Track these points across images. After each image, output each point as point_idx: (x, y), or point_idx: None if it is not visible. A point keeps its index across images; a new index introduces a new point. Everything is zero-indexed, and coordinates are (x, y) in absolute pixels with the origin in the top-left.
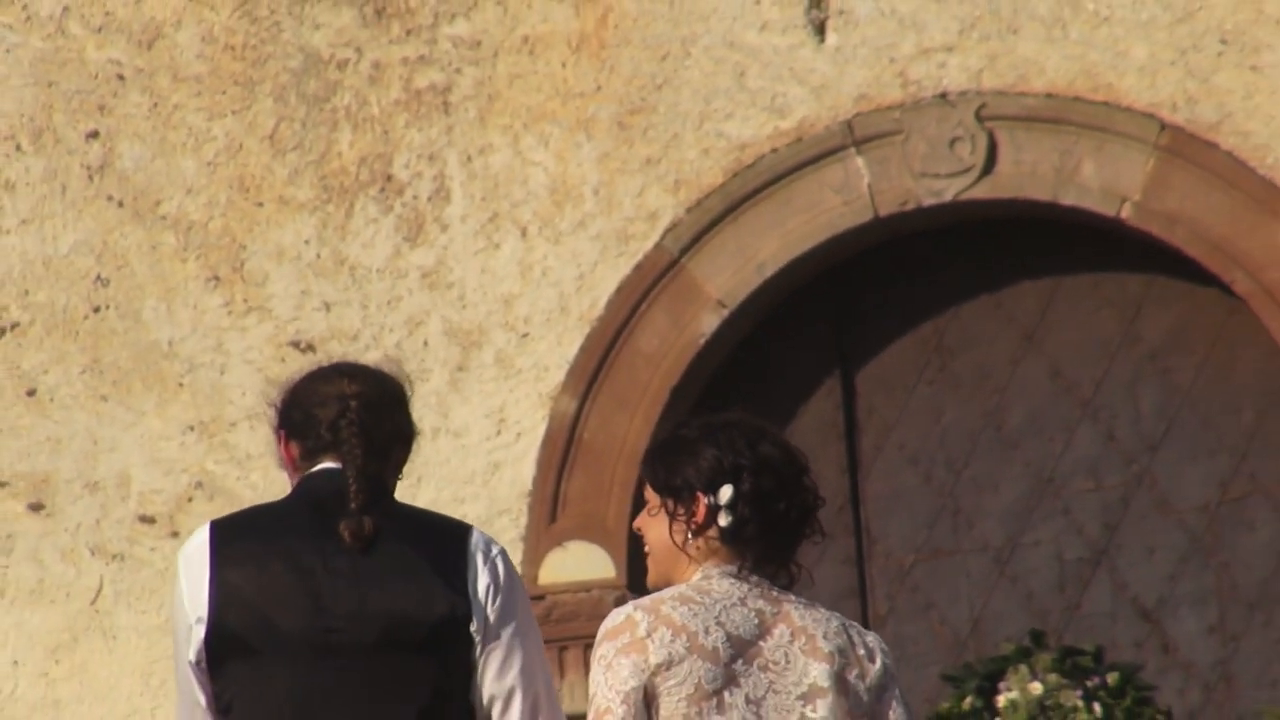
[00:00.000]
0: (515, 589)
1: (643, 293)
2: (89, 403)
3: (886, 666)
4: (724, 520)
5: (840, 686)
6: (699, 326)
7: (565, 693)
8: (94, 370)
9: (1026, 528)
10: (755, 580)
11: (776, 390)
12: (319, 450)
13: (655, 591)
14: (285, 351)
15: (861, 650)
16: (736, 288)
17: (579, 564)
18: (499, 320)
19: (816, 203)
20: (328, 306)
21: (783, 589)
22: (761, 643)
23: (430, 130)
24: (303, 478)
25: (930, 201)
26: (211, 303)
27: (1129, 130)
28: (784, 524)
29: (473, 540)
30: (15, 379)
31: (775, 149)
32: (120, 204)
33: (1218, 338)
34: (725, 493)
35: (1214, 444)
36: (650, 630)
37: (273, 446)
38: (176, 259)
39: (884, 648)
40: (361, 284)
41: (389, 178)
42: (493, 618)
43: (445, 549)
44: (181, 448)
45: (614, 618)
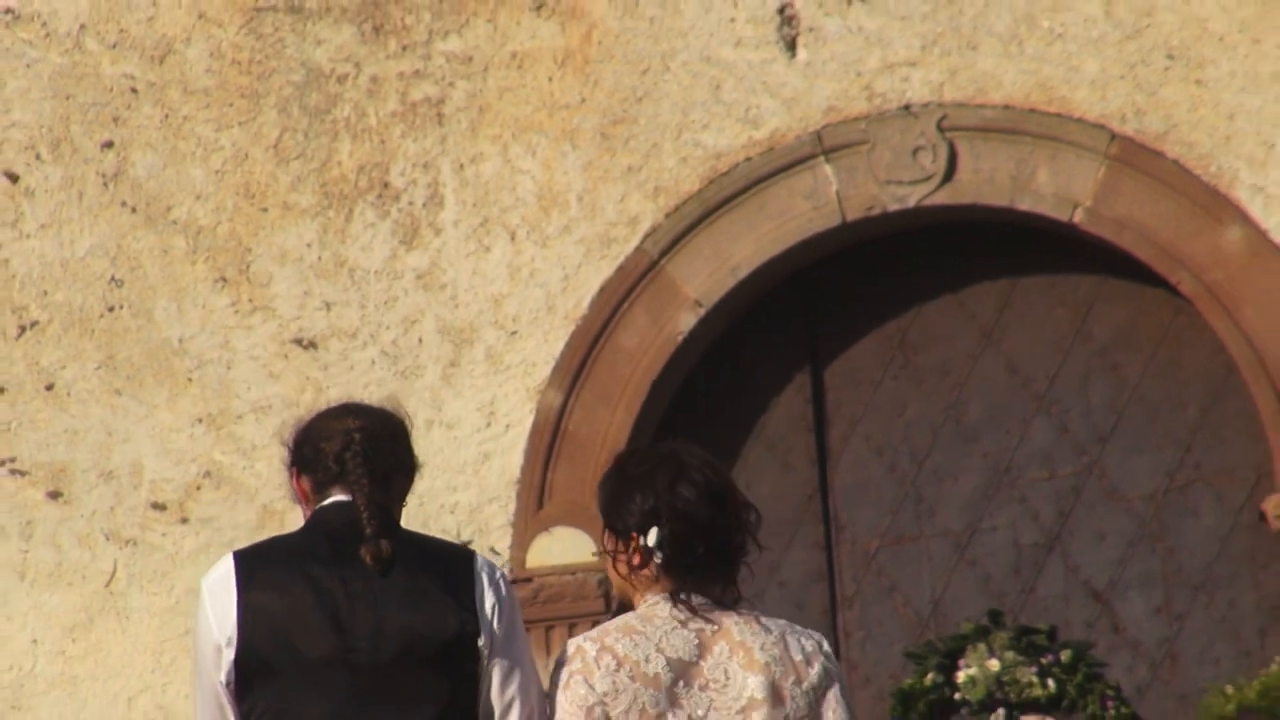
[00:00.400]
0: (515, 608)
1: (624, 293)
2: (104, 397)
3: (826, 669)
4: (657, 559)
5: (775, 697)
6: (677, 325)
7: (549, 670)
8: (109, 366)
9: (984, 515)
10: (697, 603)
11: (750, 385)
12: (328, 482)
13: (621, 599)
14: (288, 348)
15: (799, 656)
16: (712, 289)
17: (564, 548)
18: (489, 319)
19: (788, 209)
20: (328, 306)
21: (728, 606)
22: (701, 662)
23: (425, 140)
24: (315, 510)
25: (895, 207)
26: (219, 302)
27: (1081, 140)
28: (712, 553)
29: (477, 564)
30: (35, 374)
31: (749, 158)
32: (133, 210)
33: (1164, 336)
34: (653, 535)
35: (1160, 436)
36: (597, 659)
37: (277, 443)
38: (186, 261)
39: (826, 650)
40: (360, 285)
41: (386, 185)
42: (499, 634)
43: (453, 572)
44: (191, 439)
45: (568, 646)
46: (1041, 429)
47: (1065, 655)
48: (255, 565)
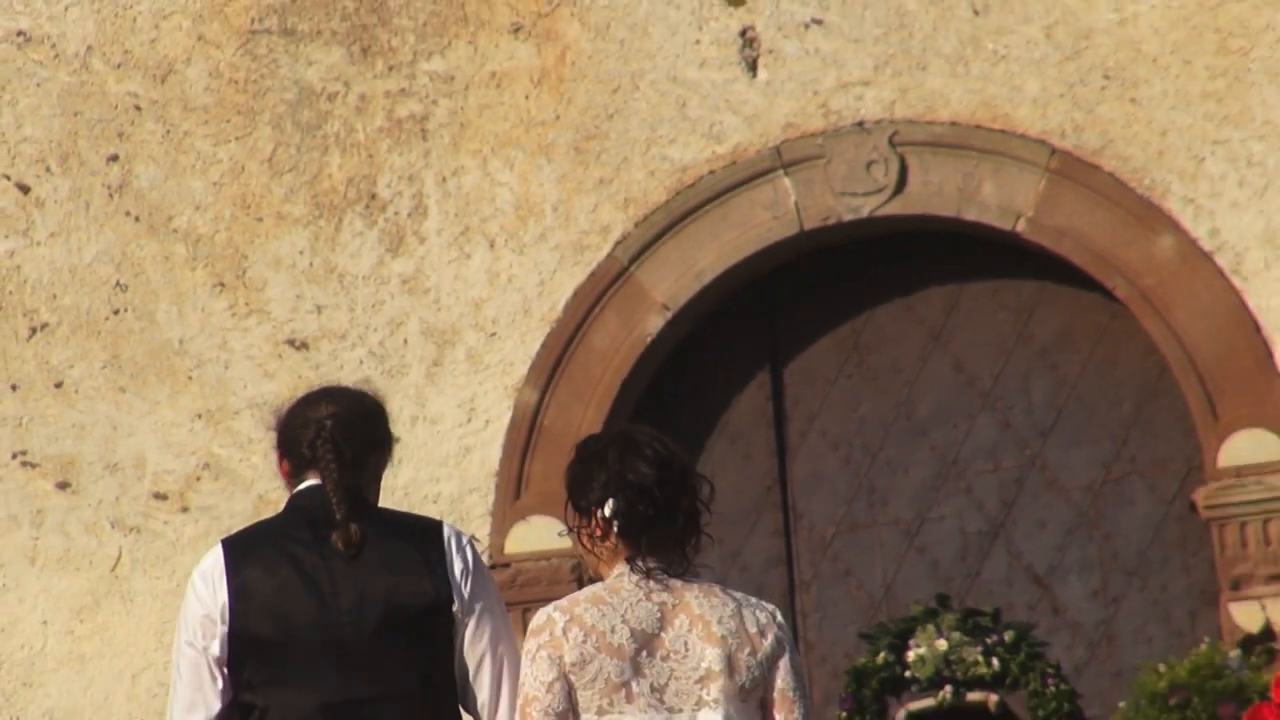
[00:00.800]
0: (482, 570)
1: (596, 297)
2: (109, 394)
3: (779, 638)
4: (615, 528)
5: (731, 668)
6: (646, 327)
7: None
8: (114, 365)
9: (933, 504)
10: (652, 568)
11: (713, 383)
12: (303, 467)
13: (593, 574)
14: (282, 349)
15: (754, 629)
16: (678, 293)
17: (540, 536)
18: (470, 321)
19: (749, 218)
20: (319, 309)
21: (682, 575)
22: (663, 634)
23: (410, 154)
24: (293, 494)
25: (849, 217)
26: (217, 306)
27: (1023, 155)
28: (658, 517)
29: (445, 533)
30: (44, 373)
31: (713, 171)
32: (137, 219)
33: (1101, 337)
34: (609, 506)
35: (1098, 431)
36: (565, 630)
37: (272, 437)
38: (186, 267)
39: (779, 621)
40: (349, 289)
41: (373, 196)
42: (467, 596)
43: (424, 544)
44: (191, 433)
45: (538, 618)
46: (986, 424)
47: (1008, 636)
48: (242, 550)
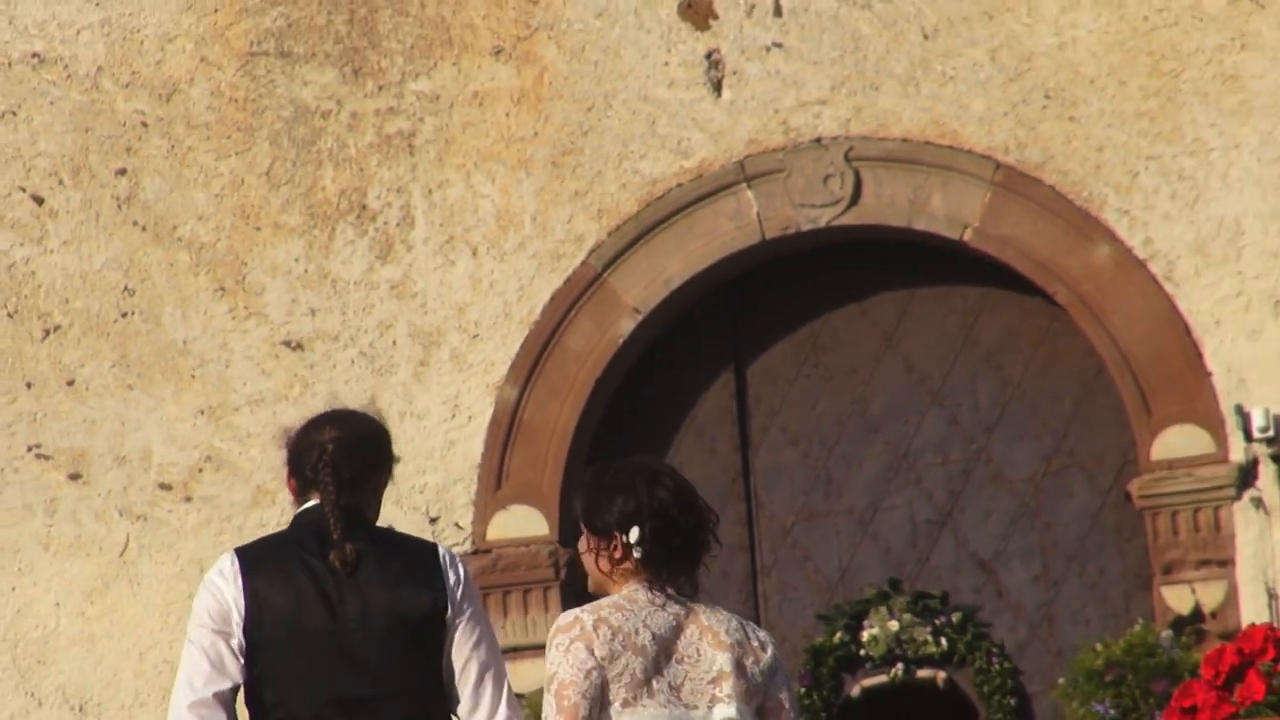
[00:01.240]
0: (471, 585)
1: (571, 301)
2: (118, 391)
3: (775, 655)
4: (636, 554)
5: (740, 671)
6: (618, 329)
7: (507, 629)
8: (122, 364)
9: (885, 495)
10: (668, 591)
11: (681, 382)
12: (307, 487)
13: (594, 591)
14: (279, 350)
15: (755, 643)
16: (648, 298)
17: (519, 524)
18: (454, 324)
19: (714, 228)
20: (314, 312)
21: (689, 595)
22: (677, 640)
23: (398, 168)
24: (298, 513)
25: (808, 227)
26: (218, 309)
27: (970, 169)
28: (683, 548)
29: (440, 553)
30: (57, 371)
31: (680, 184)
32: (144, 228)
33: (1042, 339)
34: (634, 533)
35: (1039, 427)
36: (595, 628)
37: (269, 431)
38: (190, 273)
39: (772, 641)
40: (341, 294)
41: (364, 207)
42: (458, 605)
43: (421, 561)
44: (194, 428)
45: (565, 618)
46: (935, 420)
47: (956, 617)
48: (255, 559)
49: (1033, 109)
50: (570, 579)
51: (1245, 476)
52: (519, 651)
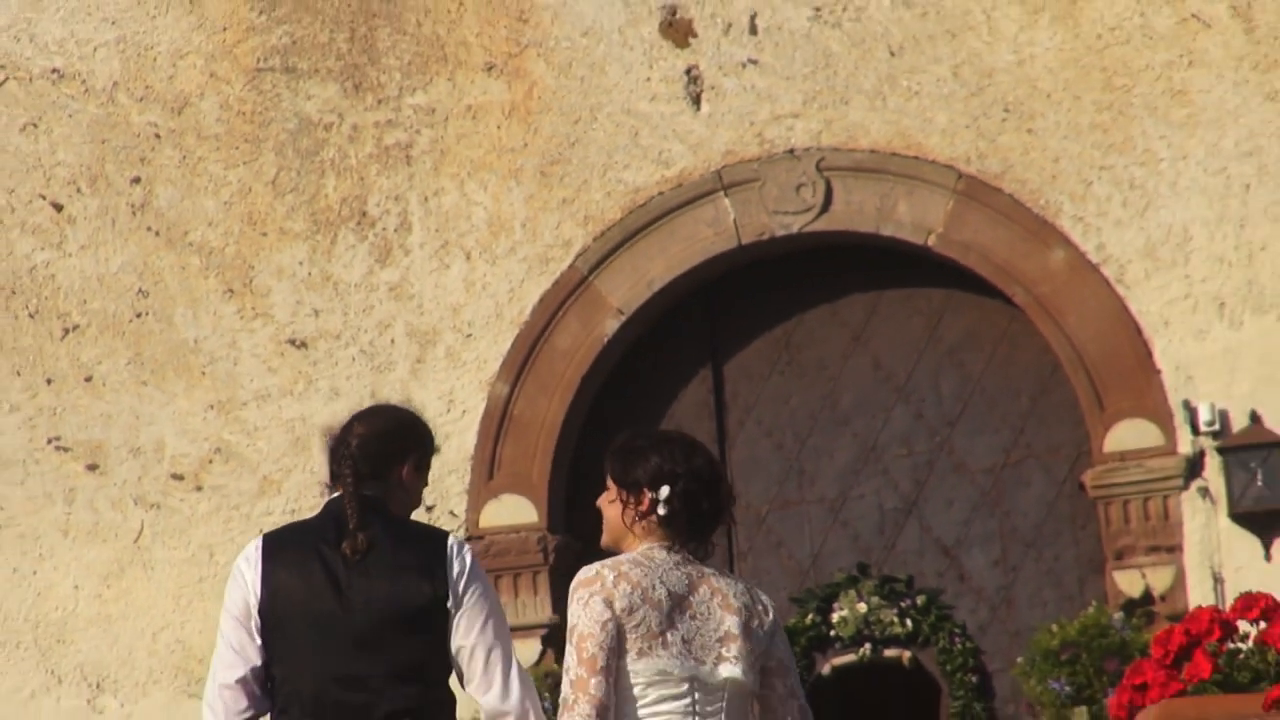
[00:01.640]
0: (477, 573)
1: (559, 303)
2: (133, 387)
3: (775, 618)
4: (662, 510)
5: (746, 632)
6: (603, 329)
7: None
8: (136, 362)
9: (854, 485)
10: (683, 553)
11: (662, 378)
12: (335, 479)
13: (608, 547)
14: (284, 348)
15: (760, 606)
16: (632, 299)
17: (510, 512)
18: (449, 324)
19: (694, 234)
20: (317, 313)
21: (702, 559)
22: (691, 597)
23: (396, 177)
24: (326, 501)
25: (781, 233)
26: (227, 310)
27: (933, 178)
28: (705, 516)
29: (449, 543)
30: (76, 368)
31: (661, 192)
32: (157, 233)
33: (1002, 338)
34: (664, 491)
35: (998, 421)
36: (615, 583)
37: (275, 424)
38: (200, 276)
39: (772, 605)
40: (343, 295)
41: (364, 214)
42: (461, 594)
43: (429, 551)
44: (204, 421)
45: (586, 571)
46: (901, 415)
47: (920, 600)
48: (277, 546)
49: (993, 122)
50: (558, 564)
51: (1192, 468)
52: (510, 632)
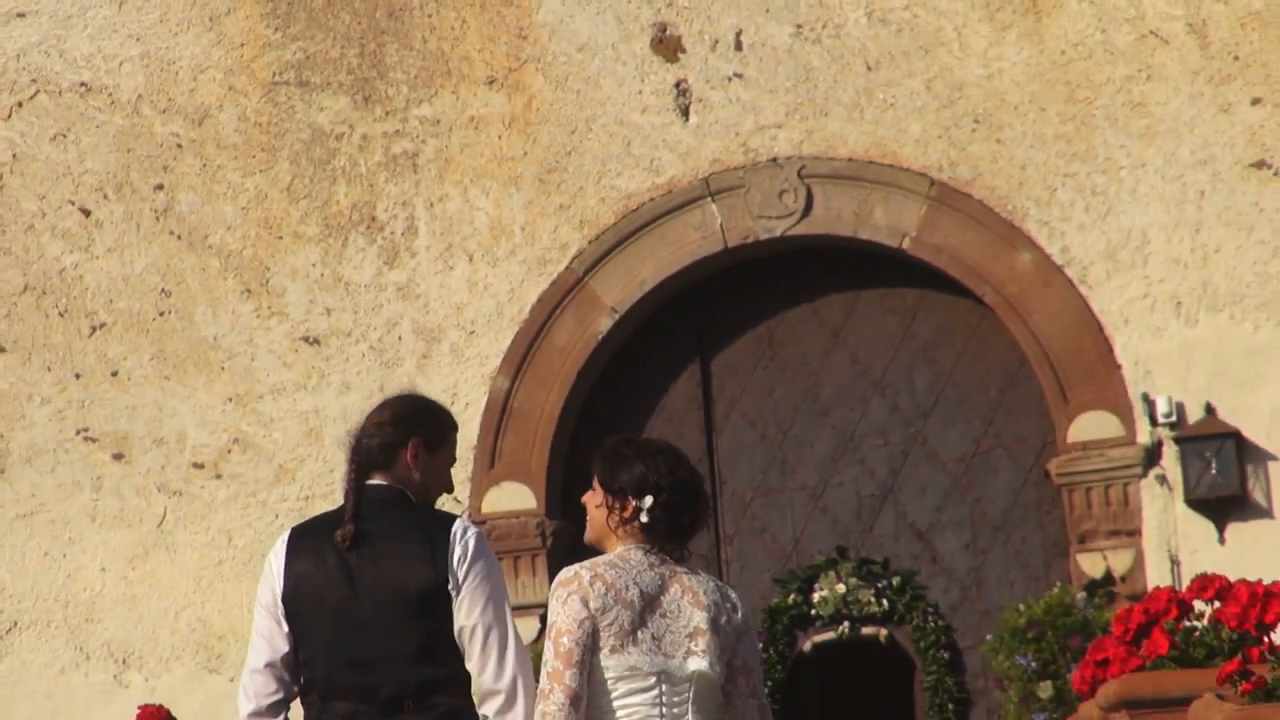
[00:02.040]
0: (479, 556)
1: (556, 302)
2: (156, 381)
3: (745, 618)
4: (644, 519)
5: (714, 627)
6: (597, 326)
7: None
8: (160, 357)
9: (833, 473)
10: (659, 556)
11: (653, 373)
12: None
13: (590, 544)
14: (298, 344)
15: (729, 604)
16: (625, 298)
17: (510, 498)
18: (453, 322)
19: (682, 237)
20: (329, 312)
21: (677, 561)
22: (662, 597)
23: (403, 184)
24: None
25: (765, 236)
26: (245, 309)
27: (907, 185)
28: (684, 526)
29: (455, 527)
30: (103, 364)
31: (652, 198)
32: (179, 237)
33: (972, 335)
34: (648, 501)
35: (969, 413)
36: (591, 583)
37: (290, 416)
38: (219, 277)
39: (742, 605)
40: (353, 295)
41: (373, 219)
42: (461, 577)
43: (434, 536)
44: (223, 413)
45: (566, 573)
46: (877, 407)
47: (896, 580)
48: (301, 536)
49: (963, 132)
50: (555, 547)
51: (1150, 457)
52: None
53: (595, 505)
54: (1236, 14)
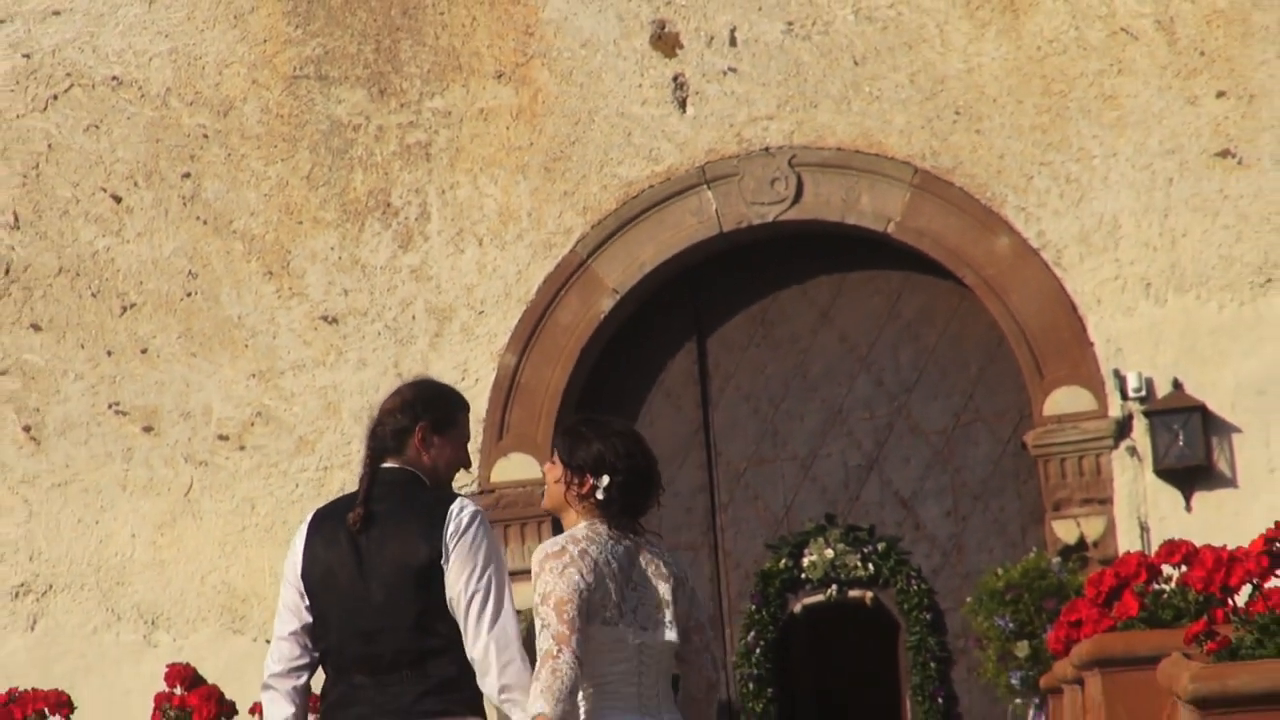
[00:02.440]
0: (470, 529)
1: (561, 283)
2: (183, 358)
3: (688, 575)
4: (600, 496)
5: (676, 598)
6: (600, 306)
7: (507, 557)
8: (187, 336)
9: (822, 444)
10: (621, 530)
11: (652, 350)
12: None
13: (548, 509)
14: (318, 323)
15: (680, 573)
16: (625, 280)
17: (518, 469)
18: (463, 302)
19: (680, 222)
20: (346, 293)
21: (635, 533)
22: (632, 570)
23: (417, 172)
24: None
25: (758, 221)
26: (267, 290)
27: (892, 173)
28: (637, 505)
29: (452, 506)
30: (133, 341)
31: (652, 185)
32: (205, 222)
33: (953, 315)
34: (604, 480)
35: (950, 388)
36: (580, 557)
37: (310, 391)
38: (243, 260)
39: (686, 567)
40: (370, 277)
41: (388, 205)
42: (452, 550)
43: (433, 515)
44: (247, 389)
45: (553, 545)
46: (864, 383)
47: (881, 546)
48: (319, 519)
49: (945, 123)
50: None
51: (1121, 429)
52: (516, 575)
53: (554, 480)
54: (1203, 11)
